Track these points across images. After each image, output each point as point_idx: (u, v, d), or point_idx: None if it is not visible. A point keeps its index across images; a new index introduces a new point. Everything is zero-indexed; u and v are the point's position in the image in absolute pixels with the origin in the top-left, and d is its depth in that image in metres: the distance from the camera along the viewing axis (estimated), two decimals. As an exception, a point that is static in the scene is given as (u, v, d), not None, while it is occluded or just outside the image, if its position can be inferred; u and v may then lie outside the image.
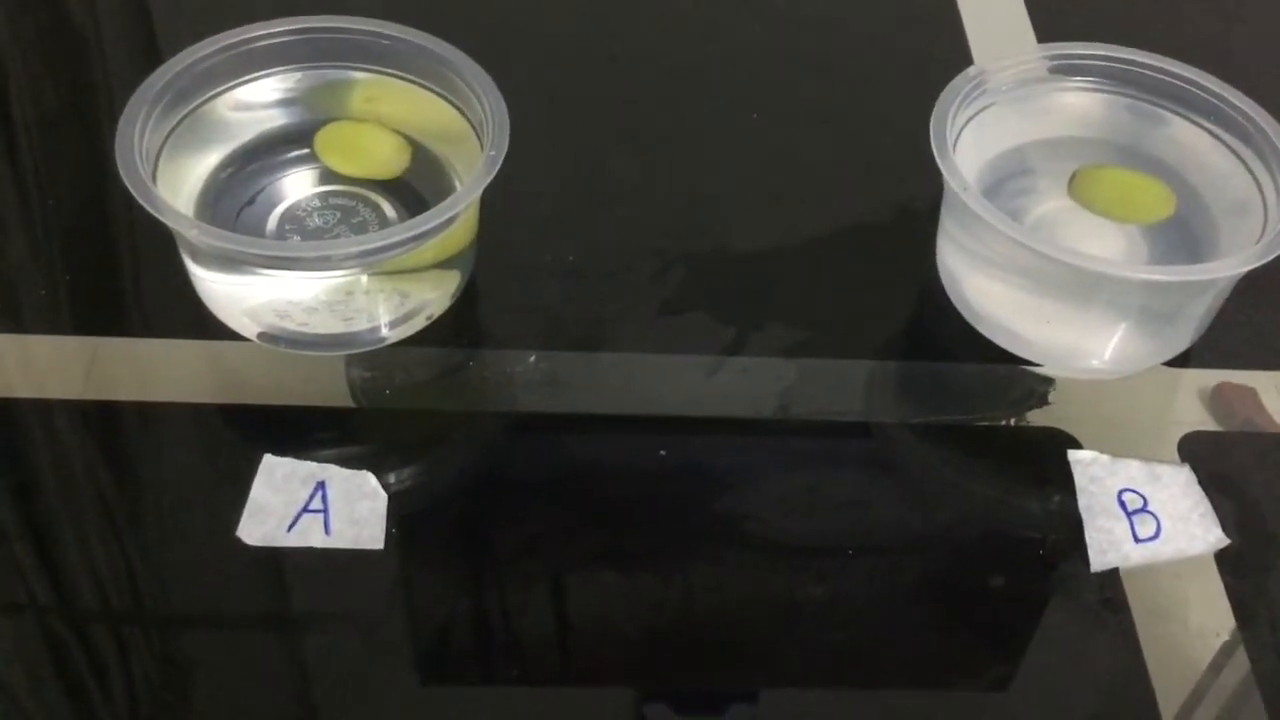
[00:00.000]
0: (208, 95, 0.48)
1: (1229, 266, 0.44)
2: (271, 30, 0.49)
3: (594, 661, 0.42)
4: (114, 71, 0.59)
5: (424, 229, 0.43)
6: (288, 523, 0.43)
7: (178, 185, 0.47)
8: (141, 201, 0.43)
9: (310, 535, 0.43)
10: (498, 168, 0.45)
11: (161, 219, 0.43)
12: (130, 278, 0.51)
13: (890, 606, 0.44)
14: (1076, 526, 0.45)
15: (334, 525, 0.43)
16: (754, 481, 0.46)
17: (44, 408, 0.47)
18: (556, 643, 0.42)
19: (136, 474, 0.46)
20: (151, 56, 0.59)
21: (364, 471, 0.44)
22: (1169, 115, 0.50)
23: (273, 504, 0.43)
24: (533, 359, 0.49)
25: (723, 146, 0.57)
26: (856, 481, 0.47)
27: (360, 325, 0.47)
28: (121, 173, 0.43)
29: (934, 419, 0.49)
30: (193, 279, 0.48)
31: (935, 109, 0.48)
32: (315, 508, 0.43)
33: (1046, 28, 0.61)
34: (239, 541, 0.43)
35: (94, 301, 0.50)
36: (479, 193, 0.45)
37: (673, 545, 0.44)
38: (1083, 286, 0.46)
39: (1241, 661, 0.42)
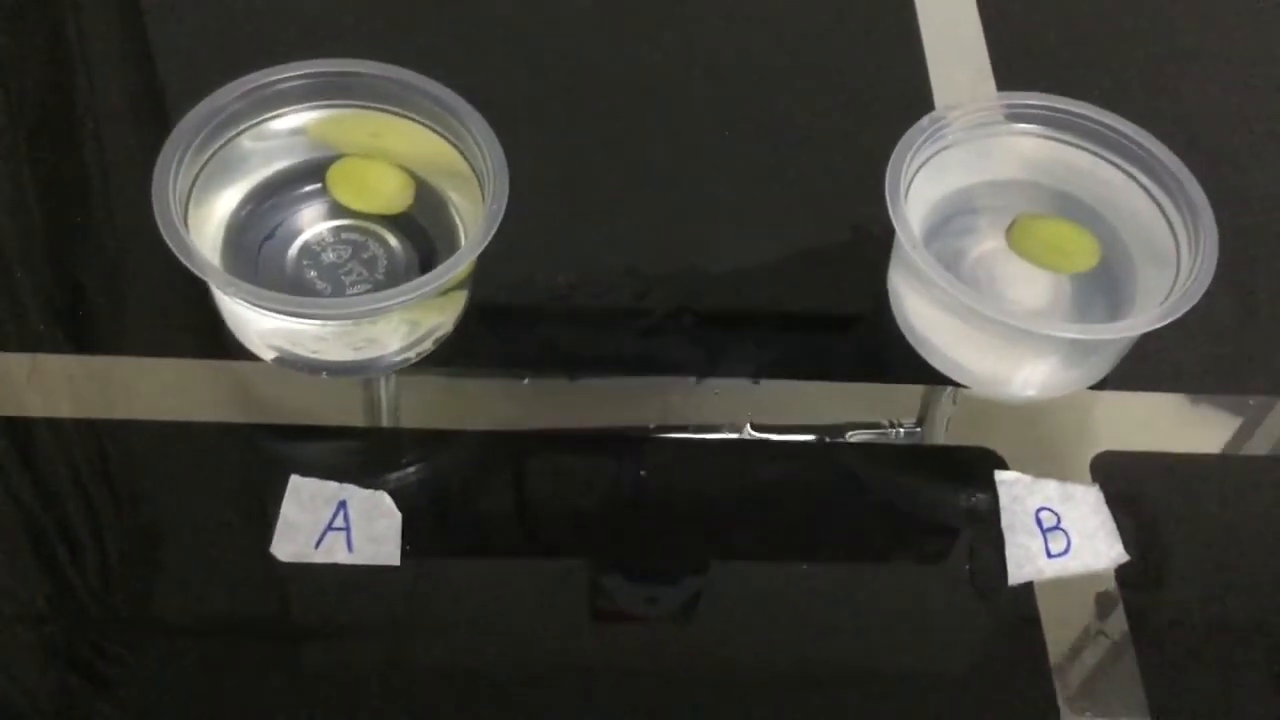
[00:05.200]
0: (229, 136, 0.53)
1: (1137, 326, 0.50)
2: (287, 74, 0.53)
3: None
4: (130, 96, 0.63)
5: (431, 287, 0.48)
6: (315, 540, 0.49)
7: (205, 225, 0.52)
8: (180, 258, 0.47)
9: (335, 552, 0.49)
10: (499, 220, 0.50)
11: (199, 274, 0.48)
12: (157, 299, 0.56)
13: (829, 610, 0.51)
14: (999, 541, 0.52)
15: (356, 542, 0.49)
16: (715, 497, 0.53)
17: (62, 426, 0.52)
18: (556, 652, 0.49)
19: (163, 493, 0.51)
20: (148, 69, 0.63)
21: (380, 492, 0.50)
22: (1104, 164, 0.56)
23: (301, 522, 0.49)
24: (525, 382, 0.54)
25: (699, 174, 0.62)
26: (803, 495, 0.53)
27: (370, 354, 0.52)
28: (160, 228, 0.48)
29: (878, 439, 0.55)
30: (217, 303, 0.53)
31: (892, 158, 0.53)
32: (338, 526, 0.50)
33: (1008, 76, 0.66)
34: (271, 557, 0.49)
35: (119, 321, 0.55)
36: (484, 245, 0.50)
37: (656, 553, 0.51)
38: (1013, 330, 0.52)
39: (1133, 666, 0.50)
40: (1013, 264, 0.55)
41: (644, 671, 0.49)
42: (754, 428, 0.54)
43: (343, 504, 0.50)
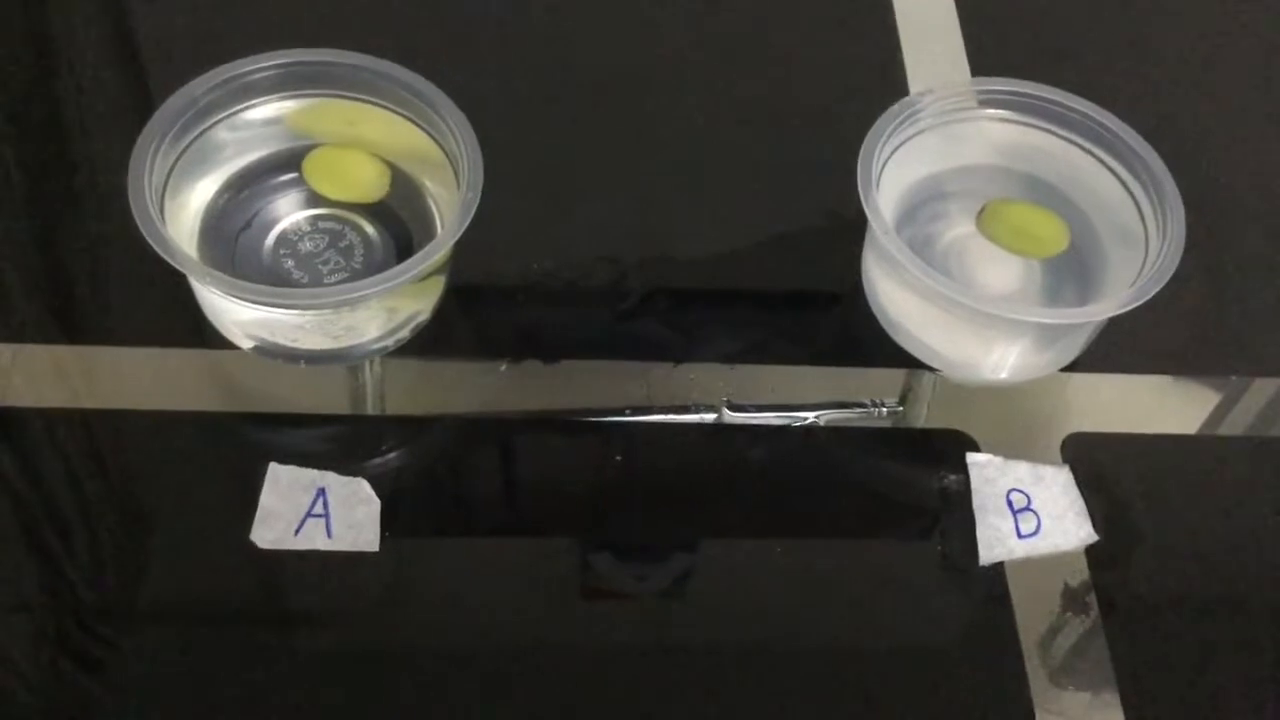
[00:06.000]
0: (205, 126, 0.53)
1: (1106, 309, 0.51)
2: (262, 64, 0.53)
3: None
4: (107, 85, 0.63)
5: (408, 275, 0.49)
6: (295, 527, 0.50)
7: (182, 215, 0.52)
8: (157, 249, 0.48)
9: (315, 539, 0.49)
10: (475, 207, 0.50)
11: (176, 265, 0.48)
12: (137, 289, 0.56)
13: (804, 591, 0.51)
14: (971, 522, 0.53)
15: (335, 529, 0.50)
16: (692, 479, 0.53)
17: (43, 415, 0.52)
18: (536, 635, 0.50)
19: (143, 481, 0.51)
20: (126, 60, 0.64)
21: (359, 478, 0.51)
22: (1074, 149, 0.56)
23: (280, 509, 0.50)
24: (503, 368, 0.55)
25: (674, 159, 0.63)
26: (778, 478, 0.54)
27: (348, 342, 0.52)
28: (136, 220, 0.48)
29: (852, 421, 0.56)
30: (195, 293, 0.53)
31: (863, 147, 0.53)
32: (318, 513, 0.50)
33: (982, 62, 0.66)
34: (251, 544, 0.49)
35: (98, 311, 0.55)
36: (461, 232, 0.50)
37: (633, 537, 0.52)
38: (984, 315, 0.52)
39: (1102, 644, 0.50)
40: (983, 249, 0.56)
41: (625, 650, 0.49)
42: (731, 409, 0.55)
43: (321, 491, 0.50)
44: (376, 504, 0.50)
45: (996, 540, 0.52)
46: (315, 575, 0.49)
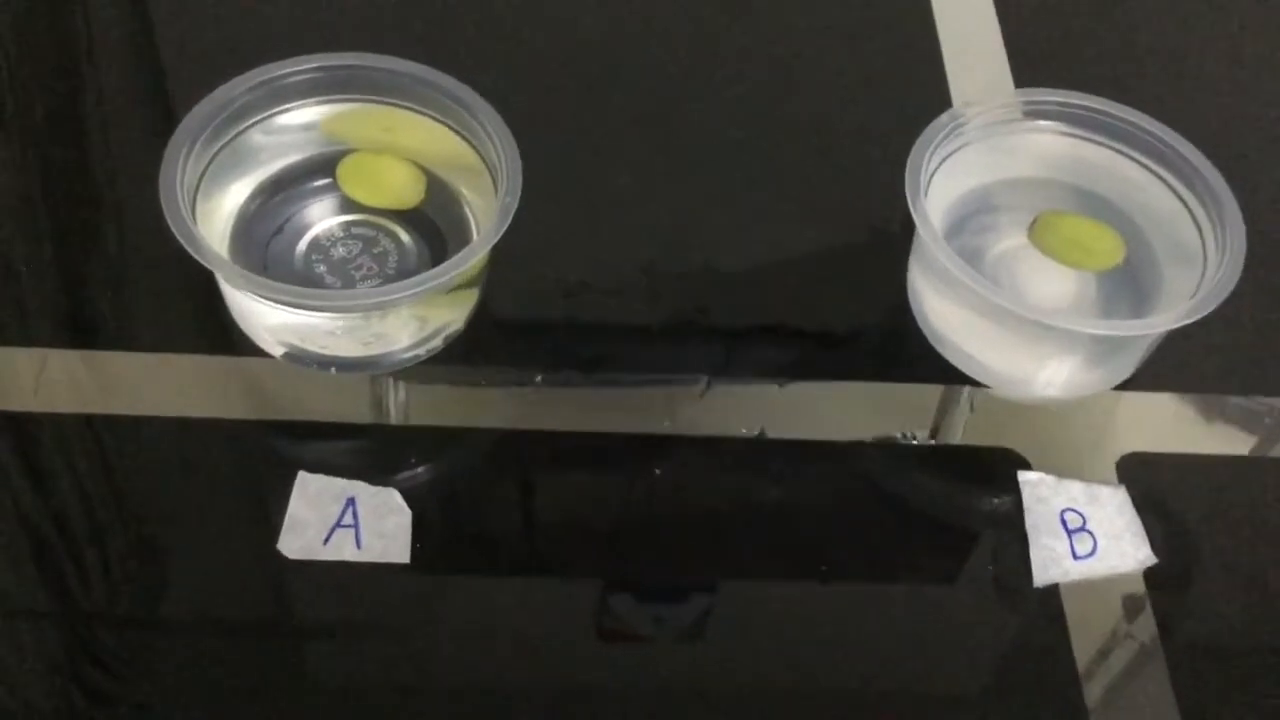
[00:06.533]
0: (239, 129, 0.52)
1: (1164, 323, 0.49)
2: (298, 68, 0.52)
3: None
4: (138, 88, 0.62)
5: (442, 279, 0.47)
6: (323, 537, 0.48)
7: (213, 218, 0.51)
8: (189, 249, 0.47)
9: (343, 549, 0.48)
10: (513, 213, 0.49)
11: (208, 266, 0.47)
12: (165, 294, 0.55)
13: (850, 612, 0.49)
14: (1023, 543, 0.51)
15: (364, 539, 0.48)
16: (729, 497, 0.52)
17: (70, 422, 0.51)
18: (568, 656, 0.48)
19: (170, 489, 0.50)
20: (156, 61, 0.63)
21: (390, 488, 0.49)
22: (1126, 161, 0.55)
23: (309, 519, 0.48)
24: (539, 379, 0.53)
25: (713, 173, 0.61)
26: (822, 496, 0.52)
27: (379, 349, 0.51)
28: (168, 219, 0.47)
29: (898, 439, 0.54)
30: (225, 298, 0.52)
31: (911, 155, 0.52)
32: (347, 523, 0.48)
33: (1025, 73, 0.65)
34: (278, 554, 0.48)
35: (127, 317, 0.54)
36: (497, 238, 0.49)
37: (668, 556, 0.50)
38: (1036, 328, 0.51)
39: (1162, 669, 0.48)
40: (1034, 262, 0.54)
41: (653, 683, 0.47)
42: (769, 431, 0.53)
43: (351, 501, 0.49)
44: (408, 514, 0.49)
45: (1051, 561, 0.50)
46: (343, 586, 0.47)
